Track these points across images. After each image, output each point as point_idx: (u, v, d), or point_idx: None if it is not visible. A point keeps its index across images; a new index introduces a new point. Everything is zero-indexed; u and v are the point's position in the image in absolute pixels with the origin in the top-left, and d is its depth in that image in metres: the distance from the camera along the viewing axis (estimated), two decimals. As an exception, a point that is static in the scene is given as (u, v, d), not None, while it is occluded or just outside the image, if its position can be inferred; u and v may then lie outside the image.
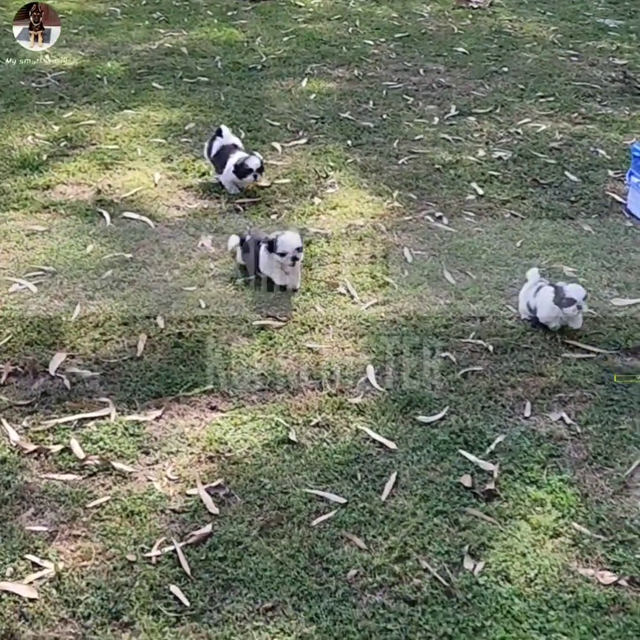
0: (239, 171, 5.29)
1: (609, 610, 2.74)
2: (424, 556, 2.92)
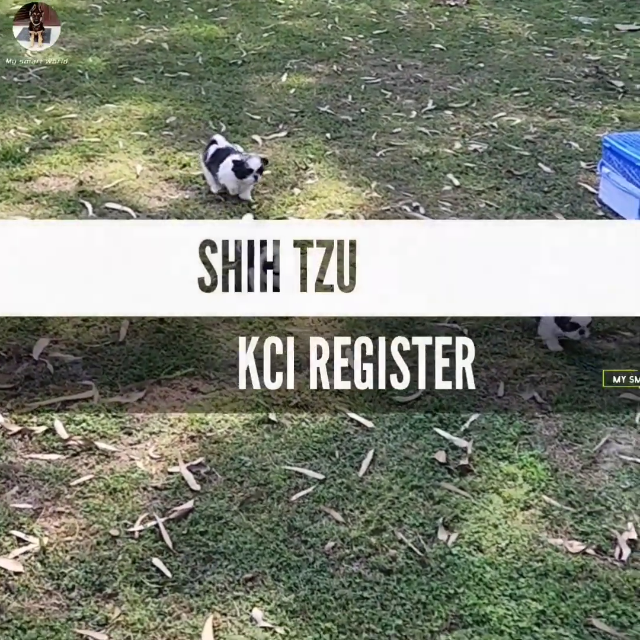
0: (238, 171, 5.14)
1: (577, 577, 2.84)
2: (399, 528, 3.01)
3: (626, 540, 2.97)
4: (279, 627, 2.64)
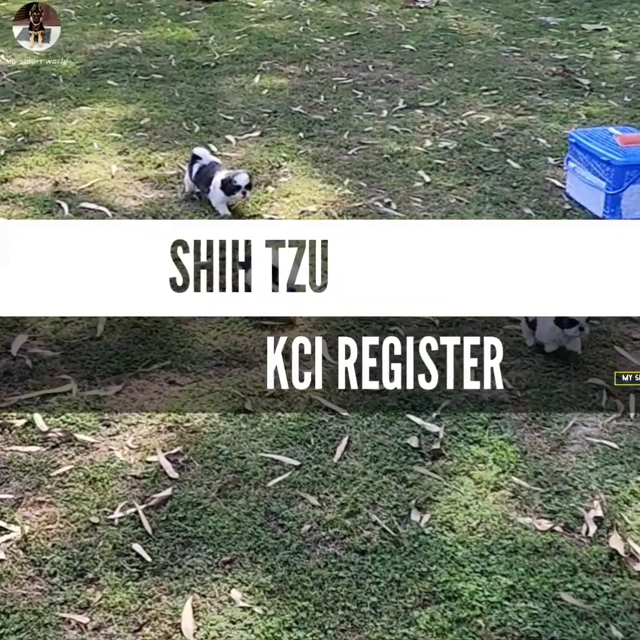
0: (226, 188, 5.10)
1: (545, 554, 2.93)
2: (373, 511, 3.09)
3: (592, 518, 3.07)
4: (257, 606, 2.71)
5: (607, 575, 2.86)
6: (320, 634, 2.63)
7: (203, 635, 2.61)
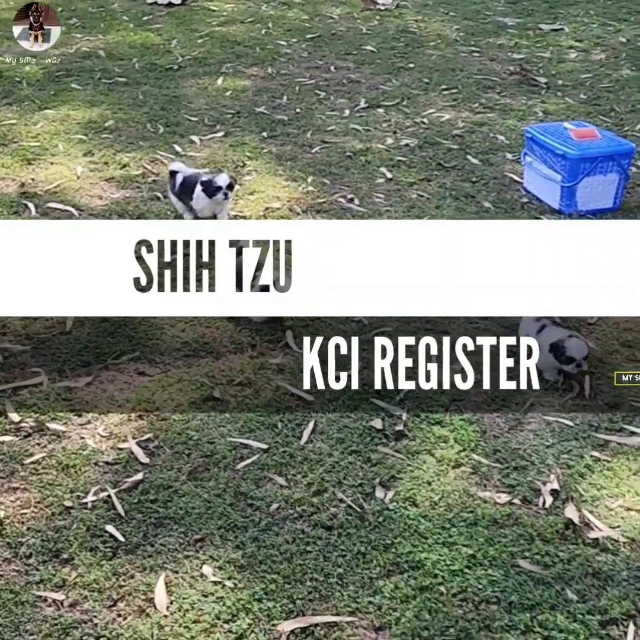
0: (207, 189, 4.98)
1: (504, 525, 3.06)
2: (339, 489, 3.20)
3: (549, 491, 3.20)
4: (228, 580, 2.80)
5: (562, 543, 2.99)
6: (289, 604, 2.73)
7: (176, 609, 2.71)
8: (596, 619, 2.71)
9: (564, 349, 3.72)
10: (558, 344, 3.75)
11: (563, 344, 3.74)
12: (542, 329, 3.89)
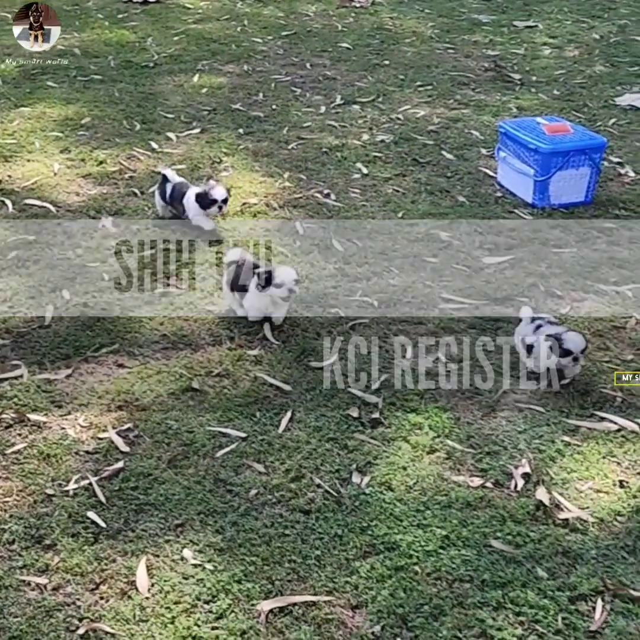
0: (202, 202, 4.90)
1: (477, 507, 3.14)
2: (317, 475, 3.27)
3: (521, 474, 3.29)
4: (208, 563, 2.87)
5: (533, 524, 3.08)
6: (268, 585, 2.80)
7: (157, 590, 2.77)
8: (565, 595, 2.80)
9: (562, 341, 3.71)
10: (555, 337, 3.73)
11: (560, 337, 3.73)
12: (538, 328, 3.88)
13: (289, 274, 4.07)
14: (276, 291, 4.04)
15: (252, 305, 4.14)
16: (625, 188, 5.75)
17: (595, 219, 5.34)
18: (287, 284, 4.03)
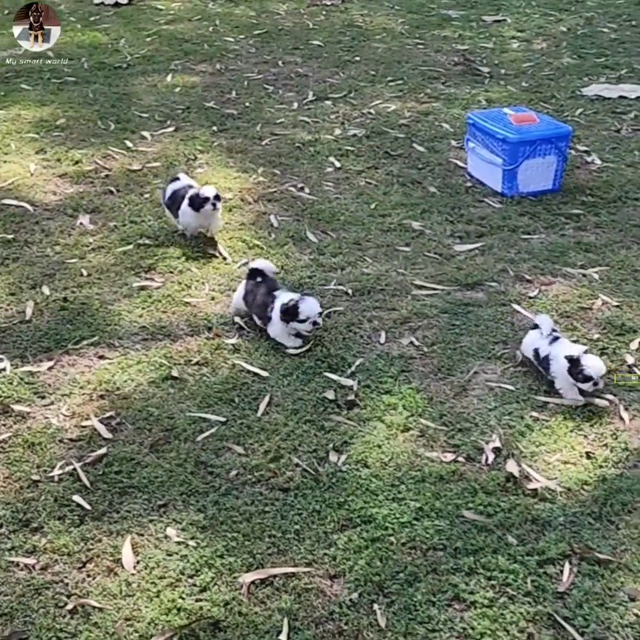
0: (194, 202, 4.78)
1: (450, 480, 3.26)
2: (295, 455, 3.38)
3: (491, 449, 3.41)
4: (191, 540, 2.97)
5: (504, 495, 3.20)
6: (250, 559, 2.91)
7: (142, 567, 2.87)
8: (534, 559, 2.92)
9: (582, 369, 3.62)
10: (575, 363, 3.65)
11: (580, 362, 3.63)
12: (554, 341, 3.79)
13: (313, 307, 3.99)
14: (300, 326, 3.99)
15: (276, 333, 4.06)
16: (592, 175, 5.90)
17: (563, 205, 5.48)
18: (312, 318, 3.98)
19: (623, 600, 2.81)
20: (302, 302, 3.97)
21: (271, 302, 4.03)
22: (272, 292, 4.08)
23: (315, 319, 3.98)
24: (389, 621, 2.71)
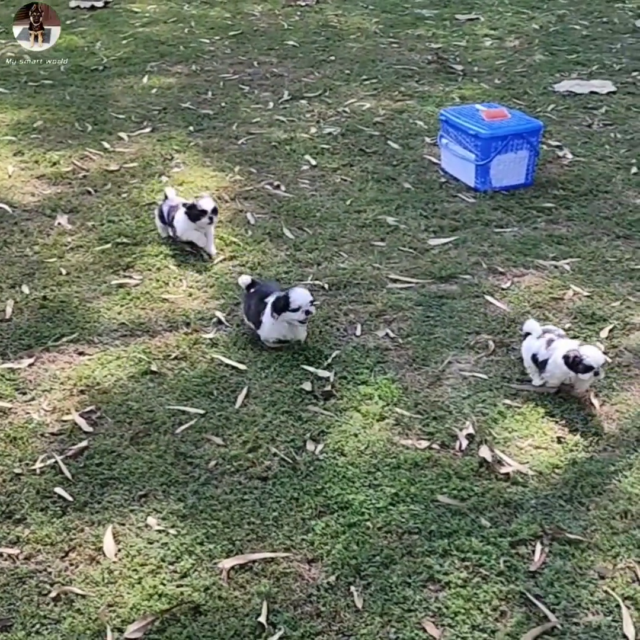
0: (191, 214, 4.76)
1: (424, 466, 3.34)
2: (273, 445, 3.45)
3: (465, 435, 3.49)
4: (172, 529, 3.03)
5: (477, 479, 3.28)
6: (229, 545, 2.97)
7: (124, 555, 2.93)
8: (507, 540, 3.01)
9: (581, 358, 3.60)
10: (574, 354, 3.63)
11: (579, 354, 3.62)
12: (550, 343, 3.76)
13: (304, 296, 3.95)
14: (293, 315, 3.93)
15: (269, 333, 4.03)
16: (564, 170, 6.00)
17: (535, 199, 5.58)
18: (304, 307, 3.93)
19: (593, 579, 2.90)
20: (292, 292, 3.96)
21: (263, 308, 4.00)
22: (264, 300, 4.03)
23: (307, 308, 3.93)
24: (366, 602, 2.79)
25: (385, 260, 4.86)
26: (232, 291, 4.52)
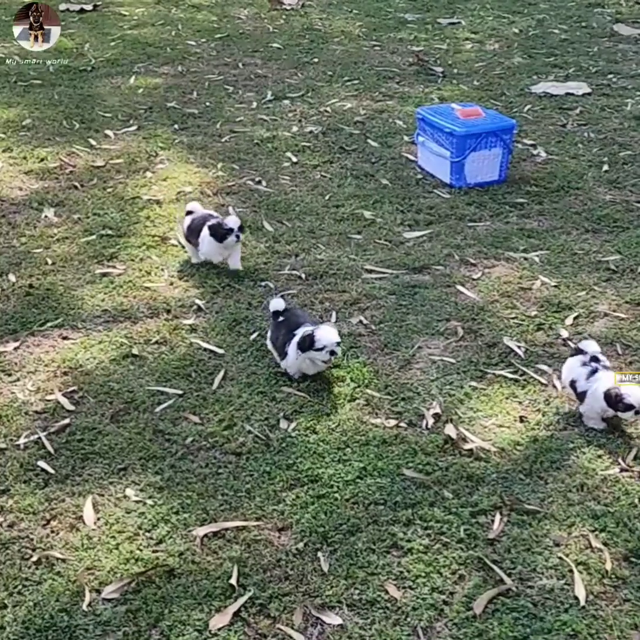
0: (217, 233, 4.61)
1: (392, 443, 3.50)
2: (247, 423, 3.60)
3: (432, 414, 3.65)
4: (149, 499, 3.18)
5: (442, 455, 3.44)
6: (203, 515, 3.13)
7: (103, 523, 3.08)
8: (468, 510, 3.16)
9: (621, 397, 3.52)
10: (615, 393, 3.55)
11: (620, 393, 3.54)
12: (593, 374, 3.66)
13: (331, 336, 3.83)
14: (317, 355, 3.82)
15: (292, 367, 3.91)
16: (537, 167, 6.18)
17: (508, 195, 5.76)
18: (329, 347, 3.80)
19: (548, 546, 3.06)
20: (318, 330, 3.83)
21: (290, 339, 3.87)
22: (293, 331, 3.90)
23: (332, 348, 3.80)
24: (332, 567, 2.94)
25: (361, 252, 5.02)
26: (211, 280, 4.67)
